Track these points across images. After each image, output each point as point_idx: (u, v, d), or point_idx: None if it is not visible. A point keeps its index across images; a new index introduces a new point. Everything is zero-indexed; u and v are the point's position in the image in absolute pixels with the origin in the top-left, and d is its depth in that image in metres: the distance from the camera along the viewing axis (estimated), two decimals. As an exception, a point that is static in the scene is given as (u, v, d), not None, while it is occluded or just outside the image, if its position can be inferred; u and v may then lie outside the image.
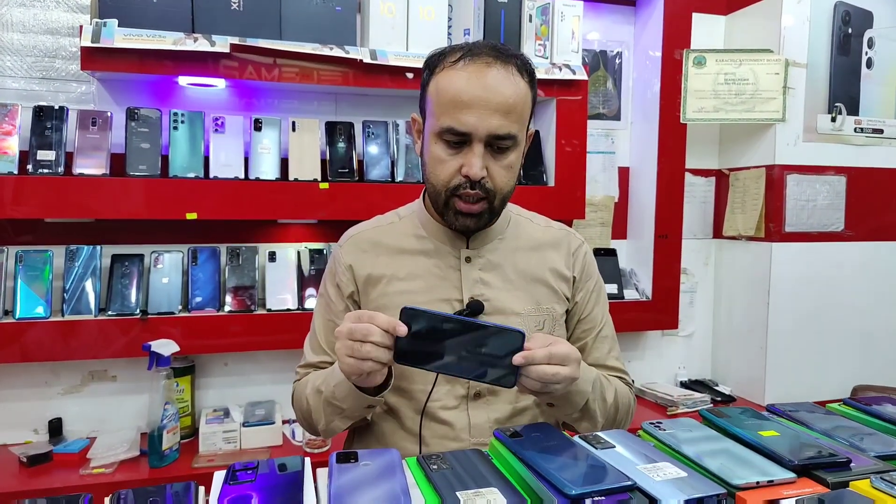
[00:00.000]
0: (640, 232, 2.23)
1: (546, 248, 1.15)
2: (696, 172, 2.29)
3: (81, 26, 1.57)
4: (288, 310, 1.79)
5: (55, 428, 1.73)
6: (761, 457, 0.76)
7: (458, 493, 0.66)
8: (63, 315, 1.65)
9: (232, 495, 0.66)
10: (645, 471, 0.72)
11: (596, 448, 0.79)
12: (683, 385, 2.29)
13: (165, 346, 1.60)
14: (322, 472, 0.73)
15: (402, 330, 0.82)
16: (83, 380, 1.78)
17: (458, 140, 0.98)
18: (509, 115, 0.97)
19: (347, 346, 0.85)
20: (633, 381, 1.19)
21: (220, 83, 1.80)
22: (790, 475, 0.72)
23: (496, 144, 0.99)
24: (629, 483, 0.67)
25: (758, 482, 0.70)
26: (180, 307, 1.73)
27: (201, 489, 0.69)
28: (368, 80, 1.77)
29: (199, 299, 1.75)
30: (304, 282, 1.84)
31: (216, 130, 1.77)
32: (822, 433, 0.87)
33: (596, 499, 0.64)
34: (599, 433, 0.84)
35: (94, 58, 1.58)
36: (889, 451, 0.80)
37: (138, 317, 1.67)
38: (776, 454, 0.76)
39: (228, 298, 1.77)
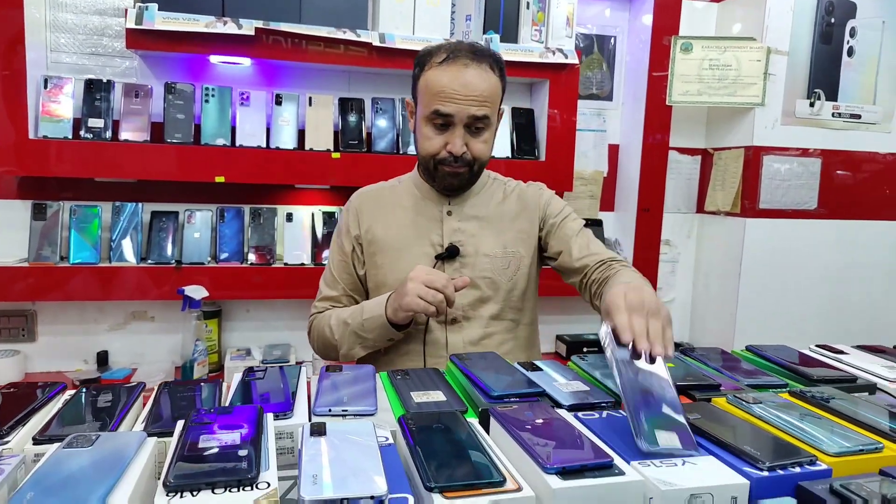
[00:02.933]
0: (626, 205, 2.42)
1: (513, 199, 1.39)
2: (682, 151, 2.46)
3: (126, 9, 1.79)
4: (302, 264, 2.03)
5: (102, 359, 2.01)
6: (653, 381, 0.98)
7: (412, 392, 0.90)
8: (110, 262, 1.92)
9: (246, 377, 0.92)
10: (558, 385, 0.95)
11: (528, 371, 1.02)
12: (661, 347, 2.49)
13: (197, 292, 1.86)
14: (315, 378, 0.97)
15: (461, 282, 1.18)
16: (126, 318, 2.06)
17: (443, 123, 1.24)
18: (483, 103, 1.24)
19: (423, 291, 1.13)
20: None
21: (246, 62, 2.02)
22: (667, 392, 0.93)
23: (473, 125, 1.24)
24: (539, 390, 0.90)
25: (640, 395, 0.92)
26: (209, 258, 1.99)
27: (225, 384, 0.94)
28: (378, 61, 1.97)
29: (225, 253, 2.01)
30: (317, 241, 2.08)
31: (242, 104, 1.99)
32: (714, 369, 1.08)
33: (512, 399, 0.87)
34: (535, 362, 1.06)
35: (137, 38, 1.81)
36: (758, 381, 1.01)
37: (173, 266, 1.93)
38: (663, 378, 0.97)
39: (251, 253, 2.02)
